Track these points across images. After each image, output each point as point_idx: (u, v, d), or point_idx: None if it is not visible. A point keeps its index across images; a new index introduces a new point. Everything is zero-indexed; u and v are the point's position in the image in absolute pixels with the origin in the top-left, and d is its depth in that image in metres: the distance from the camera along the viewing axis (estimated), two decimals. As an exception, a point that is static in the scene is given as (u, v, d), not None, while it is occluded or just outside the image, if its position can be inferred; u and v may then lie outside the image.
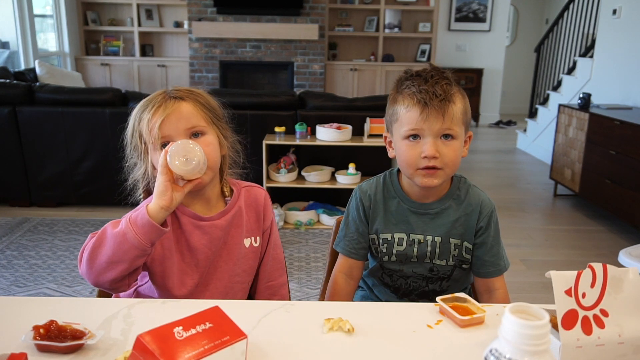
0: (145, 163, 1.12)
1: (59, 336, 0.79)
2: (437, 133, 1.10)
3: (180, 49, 6.89)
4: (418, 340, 0.87)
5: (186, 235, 1.12)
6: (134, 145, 1.12)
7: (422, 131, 1.11)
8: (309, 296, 2.57)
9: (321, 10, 6.40)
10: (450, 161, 1.12)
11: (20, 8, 5.32)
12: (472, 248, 1.23)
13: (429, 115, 1.09)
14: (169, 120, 1.05)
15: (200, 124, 1.09)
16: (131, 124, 1.11)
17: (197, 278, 1.13)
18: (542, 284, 2.75)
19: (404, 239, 1.22)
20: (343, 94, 6.03)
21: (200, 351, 0.65)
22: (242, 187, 1.22)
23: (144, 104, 1.10)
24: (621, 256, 2.18)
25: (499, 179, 4.87)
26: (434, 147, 1.10)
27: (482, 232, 1.22)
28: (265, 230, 1.22)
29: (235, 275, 1.17)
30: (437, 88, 1.10)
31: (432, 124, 1.09)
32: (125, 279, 1.00)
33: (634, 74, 4.11)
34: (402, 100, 1.14)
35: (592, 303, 0.75)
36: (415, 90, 1.11)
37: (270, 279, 1.22)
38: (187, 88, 1.13)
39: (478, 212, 1.21)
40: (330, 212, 3.52)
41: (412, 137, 1.12)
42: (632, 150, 3.31)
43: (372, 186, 1.26)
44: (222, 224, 1.14)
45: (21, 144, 3.55)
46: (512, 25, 8.80)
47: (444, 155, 1.11)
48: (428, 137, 1.11)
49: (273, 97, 3.64)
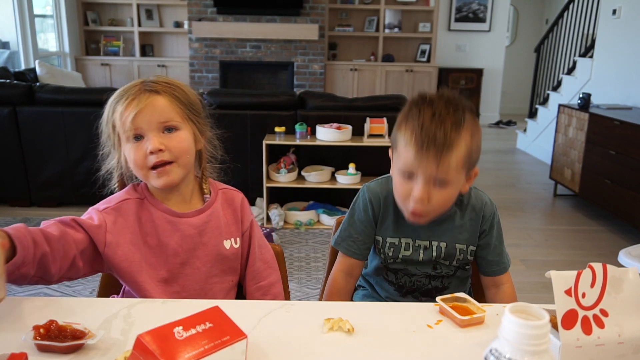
0: (119, 154, 1.11)
1: (59, 336, 0.79)
2: (429, 178, 1.05)
3: (180, 49, 6.89)
4: (418, 340, 0.87)
5: (157, 230, 1.10)
6: (108, 135, 1.11)
7: (415, 172, 1.06)
8: (309, 296, 2.57)
9: (321, 10, 6.40)
10: (439, 207, 1.10)
11: (20, 8, 5.32)
12: (476, 249, 1.23)
13: (423, 160, 1.03)
14: (142, 114, 1.04)
15: (174, 119, 1.07)
16: (106, 113, 1.10)
17: (165, 274, 1.10)
18: (542, 284, 2.75)
19: (410, 244, 1.21)
20: (343, 94, 6.03)
21: (200, 351, 0.65)
22: (219, 189, 1.21)
23: (120, 94, 1.08)
24: (621, 256, 2.18)
25: (499, 179, 4.87)
26: (424, 193, 1.06)
27: (486, 234, 1.22)
28: (244, 232, 1.21)
29: (213, 276, 1.15)
30: (439, 131, 1.02)
31: (426, 169, 1.04)
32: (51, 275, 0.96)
33: (634, 74, 4.11)
34: (404, 132, 1.07)
35: (592, 303, 0.75)
36: (417, 126, 1.04)
37: (259, 280, 1.21)
38: (166, 80, 1.11)
39: (481, 216, 1.21)
40: (330, 212, 3.52)
41: (405, 174, 1.08)
42: (632, 150, 3.31)
43: (383, 188, 1.22)
44: (196, 223, 1.12)
45: (21, 144, 3.55)
46: (512, 25, 8.80)
47: (433, 201, 1.07)
48: (420, 180, 1.06)
49: (273, 97, 3.64)
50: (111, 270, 1.09)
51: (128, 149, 1.07)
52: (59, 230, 1.00)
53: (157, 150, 1.05)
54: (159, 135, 1.06)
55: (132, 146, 1.06)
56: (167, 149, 1.06)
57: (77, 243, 1.02)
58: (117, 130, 1.07)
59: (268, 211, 3.49)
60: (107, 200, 1.12)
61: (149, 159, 1.05)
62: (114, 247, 1.06)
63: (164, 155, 1.06)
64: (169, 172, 1.07)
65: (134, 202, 1.11)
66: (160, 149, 1.05)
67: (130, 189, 1.13)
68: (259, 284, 1.21)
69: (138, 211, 1.11)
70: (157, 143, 1.05)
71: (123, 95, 1.07)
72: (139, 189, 1.14)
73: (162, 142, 1.05)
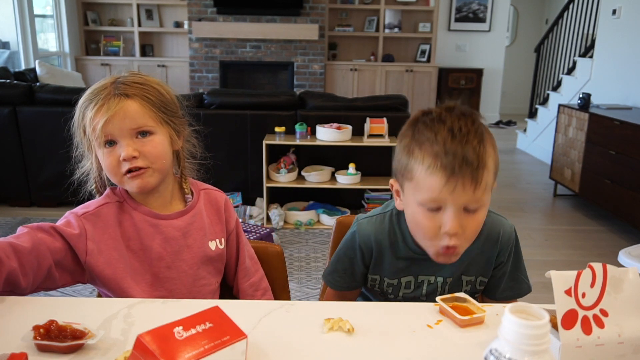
0: (92, 157, 1.08)
1: (59, 336, 0.79)
2: (462, 205, 0.91)
3: (180, 49, 6.89)
4: (418, 340, 0.87)
5: (140, 234, 1.07)
6: (80, 139, 1.07)
7: (444, 202, 0.91)
8: (309, 296, 2.57)
9: (321, 10, 6.40)
10: (473, 235, 0.96)
11: (20, 8, 5.32)
12: (488, 279, 1.12)
13: (457, 187, 0.88)
14: (113, 121, 0.99)
15: (148, 124, 1.02)
16: (76, 115, 1.05)
17: (150, 278, 1.08)
18: (542, 284, 2.73)
19: (411, 282, 1.10)
20: (343, 94, 6.03)
21: (200, 351, 0.65)
22: (200, 189, 1.17)
23: (89, 98, 1.02)
24: (621, 256, 2.18)
25: (499, 179, 4.81)
26: (457, 222, 0.91)
27: (502, 266, 1.11)
28: (230, 233, 1.19)
29: (201, 279, 1.13)
30: (469, 150, 0.87)
31: (459, 197, 0.89)
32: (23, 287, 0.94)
33: (634, 74, 4.11)
34: (420, 157, 0.91)
35: (592, 303, 0.74)
36: (440, 150, 0.88)
37: (251, 276, 1.21)
38: (138, 80, 1.05)
39: (498, 247, 1.08)
40: (330, 212, 3.52)
41: (430, 208, 0.93)
42: (632, 150, 3.31)
43: (376, 228, 1.09)
44: (179, 225, 1.09)
45: (21, 144, 3.55)
46: (512, 25, 8.80)
47: (467, 231, 0.93)
48: (450, 210, 0.91)
49: (273, 97, 3.64)
50: (93, 280, 1.06)
51: (101, 154, 1.03)
52: (32, 241, 0.96)
53: (130, 157, 1.00)
54: (132, 141, 1.01)
55: (104, 152, 1.02)
56: (141, 155, 1.02)
57: (53, 253, 0.98)
58: (87, 135, 1.03)
59: (268, 211, 3.49)
60: (86, 205, 1.08)
61: (122, 165, 1.02)
62: (96, 255, 1.03)
63: (138, 162, 1.02)
64: (143, 176, 1.03)
65: (114, 206, 1.08)
66: (134, 156, 1.01)
67: (109, 193, 1.10)
68: (250, 280, 1.21)
69: (118, 215, 1.07)
70: (130, 150, 1.00)
71: (92, 100, 1.01)
72: (117, 192, 1.10)
73: (136, 149, 1.01)
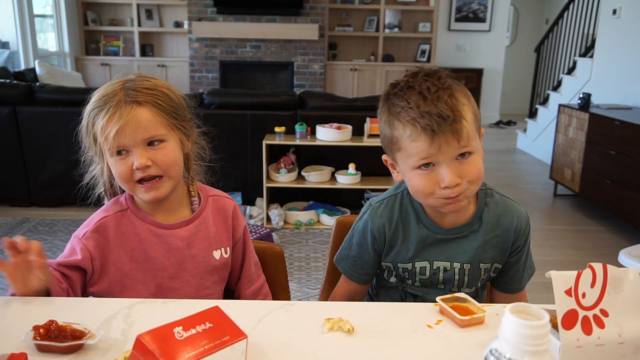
0: (102, 163, 1.07)
1: (59, 336, 0.79)
2: (453, 157, 0.94)
3: (180, 49, 6.89)
4: (418, 340, 0.87)
5: (143, 244, 1.06)
6: (89, 145, 1.06)
7: (434, 159, 0.94)
8: (309, 296, 2.57)
9: (321, 10, 6.40)
10: (475, 178, 0.97)
11: (20, 8, 5.32)
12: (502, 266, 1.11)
13: (442, 144, 0.92)
14: (125, 130, 0.98)
15: (160, 133, 1.01)
16: (85, 121, 1.04)
17: (152, 288, 1.07)
18: (542, 284, 2.73)
19: (426, 267, 1.08)
20: (343, 94, 6.03)
21: (200, 351, 0.65)
22: (209, 196, 1.15)
23: (98, 103, 1.01)
24: (621, 256, 2.18)
25: (499, 179, 4.86)
26: (454, 174, 0.94)
27: (518, 251, 1.10)
28: (237, 241, 1.17)
29: (205, 288, 1.12)
30: (442, 106, 0.91)
31: (447, 152, 0.93)
32: None
33: (634, 74, 4.11)
34: (401, 127, 0.96)
35: (592, 303, 0.74)
36: (416, 114, 0.93)
37: (254, 282, 1.20)
38: (148, 85, 1.03)
39: (514, 231, 1.08)
40: (330, 212, 3.52)
41: (423, 166, 0.96)
42: (632, 150, 3.31)
43: (388, 212, 1.09)
44: (183, 235, 1.08)
45: (21, 144, 3.55)
46: (512, 25, 8.79)
47: (465, 176, 0.95)
48: (443, 164, 0.94)
49: (273, 97, 3.64)
50: (98, 293, 1.07)
51: (112, 162, 1.02)
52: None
53: (144, 167, 1.00)
54: (145, 149, 1.01)
55: (116, 160, 1.01)
56: (154, 164, 1.01)
57: (68, 292, 1.02)
58: (98, 142, 1.02)
59: (268, 211, 3.49)
60: (86, 222, 1.08)
61: (135, 174, 1.01)
62: (101, 271, 1.06)
63: (151, 170, 1.01)
64: (158, 187, 1.02)
65: (113, 219, 1.07)
66: (148, 165, 1.00)
67: (110, 205, 1.10)
68: (253, 287, 1.20)
69: (119, 226, 1.07)
70: (144, 160, 0.99)
71: (103, 107, 1.00)
72: (122, 200, 1.10)
73: (149, 157, 1.00)
